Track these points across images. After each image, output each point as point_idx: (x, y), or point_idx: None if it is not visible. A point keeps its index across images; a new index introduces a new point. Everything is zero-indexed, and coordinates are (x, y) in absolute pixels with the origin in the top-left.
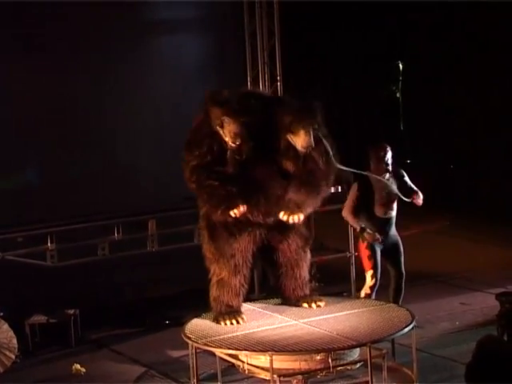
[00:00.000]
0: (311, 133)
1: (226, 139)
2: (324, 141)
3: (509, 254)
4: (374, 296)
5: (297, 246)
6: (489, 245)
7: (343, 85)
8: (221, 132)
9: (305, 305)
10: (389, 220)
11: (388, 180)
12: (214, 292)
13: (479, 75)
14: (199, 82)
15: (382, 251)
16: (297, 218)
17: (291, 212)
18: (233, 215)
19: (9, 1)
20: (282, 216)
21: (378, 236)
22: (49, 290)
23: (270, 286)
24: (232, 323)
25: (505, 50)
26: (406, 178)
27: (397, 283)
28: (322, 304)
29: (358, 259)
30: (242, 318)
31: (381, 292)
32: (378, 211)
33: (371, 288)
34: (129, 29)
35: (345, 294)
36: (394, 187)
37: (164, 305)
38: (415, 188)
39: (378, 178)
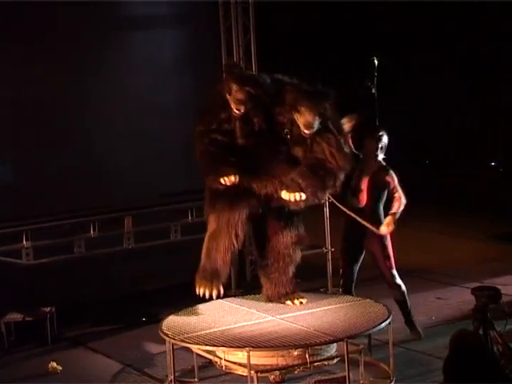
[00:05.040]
0: (315, 114)
1: (232, 106)
2: (335, 132)
3: (484, 248)
4: (354, 294)
5: (289, 240)
6: (464, 239)
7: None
8: (229, 99)
9: (288, 302)
10: (359, 211)
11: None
12: (205, 245)
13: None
14: (175, 78)
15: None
16: (298, 196)
17: (292, 190)
18: (222, 182)
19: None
20: (284, 195)
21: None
22: (24, 288)
23: (247, 282)
24: (204, 294)
25: (492, 47)
26: (389, 179)
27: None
28: (304, 301)
29: None
30: (219, 291)
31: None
32: (349, 199)
33: (342, 286)
34: (105, 26)
35: (322, 289)
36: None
37: (141, 302)
38: (399, 194)
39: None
